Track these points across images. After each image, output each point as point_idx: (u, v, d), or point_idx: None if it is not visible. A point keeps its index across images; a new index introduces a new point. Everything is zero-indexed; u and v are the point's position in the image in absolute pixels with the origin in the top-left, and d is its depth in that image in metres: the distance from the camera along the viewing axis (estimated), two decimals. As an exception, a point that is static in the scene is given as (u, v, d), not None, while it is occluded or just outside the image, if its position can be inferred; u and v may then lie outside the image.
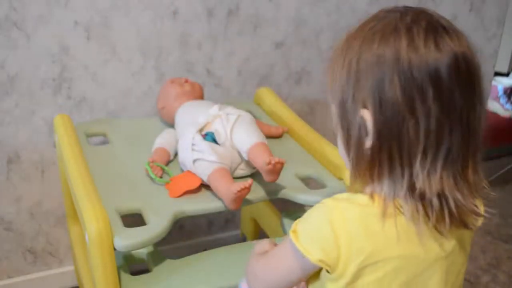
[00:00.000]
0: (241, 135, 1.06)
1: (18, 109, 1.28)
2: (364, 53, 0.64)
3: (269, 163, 0.96)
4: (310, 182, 1.12)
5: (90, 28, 1.28)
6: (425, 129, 0.61)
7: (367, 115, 0.63)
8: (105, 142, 1.27)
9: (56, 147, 1.21)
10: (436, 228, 0.65)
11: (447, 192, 0.63)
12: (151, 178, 1.06)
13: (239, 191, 0.94)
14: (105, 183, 1.04)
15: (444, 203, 0.63)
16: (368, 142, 0.64)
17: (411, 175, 0.63)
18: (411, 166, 0.63)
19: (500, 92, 2.52)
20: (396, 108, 0.61)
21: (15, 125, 1.30)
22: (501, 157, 2.26)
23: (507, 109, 2.52)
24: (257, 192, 1.03)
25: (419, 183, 0.63)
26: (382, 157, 0.64)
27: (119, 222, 0.93)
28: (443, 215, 0.64)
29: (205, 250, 1.10)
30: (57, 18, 1.24)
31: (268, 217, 1.39)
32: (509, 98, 2.52)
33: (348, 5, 1.50)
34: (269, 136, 1.17)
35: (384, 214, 0.64)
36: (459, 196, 0.64)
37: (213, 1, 1.37)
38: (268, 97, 1.36)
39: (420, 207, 0.63)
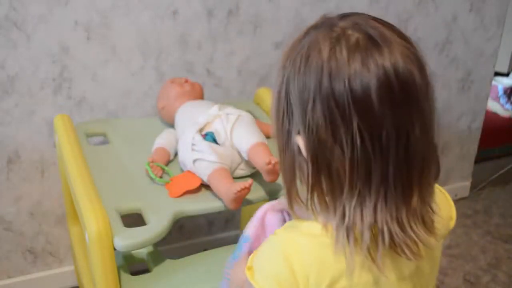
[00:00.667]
0: (241, 135, 1.06)
1: (18, 109, 1.29)
2: (291, 78, 0.60)
3: (269, 163, 0.96)
4: (310, 182, 1.12)
5: (90, 28, 1.28)
6: (350, 158, 0.57)
7: (300, 141, 0.60)
8: (105, 142, 1.27)
9: (56, 147, 1.21)
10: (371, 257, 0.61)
11: (380, 225, 0.59)
12: (151, 178, 1.06)
13: (239, 191, 0.94)
14: (105, 183, 1.04)
15: (378, 236, 0.59)
16: (307, 168, 0.61)
17: (342, 206, 0.59)
18: (341, 196, 0.59)
19: (500, 92, 2.53)
20: (320, 136, 0.58)
21: (15, 125, 1.30)
22: (501, 157, 2.26)
23: (507, 109, 2.52)
24: (257, 192, 1.03)
25: (349, 215, 0.59)
26: (317, 186, 0.61)
27: (119, 222, 0.93)
28: (376, 247, 0.60)
29: (205, 250, 1.10)
30: (57, 18, 1.24)
31: (268, 217, 1.39)
32: (509, 98, 2.52)
33: (348, 5, 1.50)
34: (269, 136, 1.17)
35: (336, 244, 0.60)
36: (396, 228, 0.59)
37: (213, 1, 1.37)
38: (268, 97, 1.36)
39: (352, 238, 0.59)
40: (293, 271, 0.61)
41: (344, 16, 0.62)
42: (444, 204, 0.71)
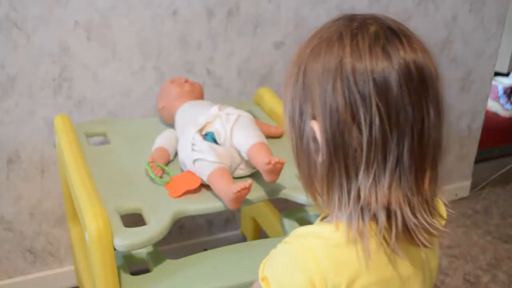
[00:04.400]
0: (241, 135, 1.06)
1: (18, 109, 1.29)
2: (310, 63, 0.62)
3: (269, 163, 0.96)
4: (310, 182, 1.11)
5: (90, 28, 1.28)
6: (368, 138, 0.58)
7: (315, 126, 0.61)
8: (105, 142, 1.27)
9: (56, 147, 1.21)
10: (387, 246, 0.62)
11: (394, 206, 0.60)
12: (151, 178, 1.06)
13: (239, 191, 0.94)
14: (105, 183, 1.04)
15: (392, 217, 0.61)
16: (320, 157, 0.62)
17: (357, 188, 0.60)
18: (357, 178, 0.60)
19: (500, 92, 2.53)
20: (339, 117, 0.59)
21: (15, 125, 1.30)
22: (501, 157, 2.26)
23: (507, 109, 2.52)
24: (257, 192, 1.03)
25: (364, 195, 0.60)
26: (333, 171, 0.61)
27: (119, 222, 0.93)
28: (390, 231, 0.61)
29: (205, 250, 1.10)
30: (57, 18, 1.24)
31: (268, 217, 1.39)
32: (509, 98, 2.52)
33: (348, 5, 1.50)
34: (269, 136, 1.17)
35: (348, 242, 0.61)
36: (408, 211, 0.60)
37: (213, 1, 1.37)
38: (268, 97, 1.37)
39: (367, 218, 0.61)
40: (311, 279, 0.61)
41: (359, 14, 0.65)
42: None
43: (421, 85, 0.59)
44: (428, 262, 0.69)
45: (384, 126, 0.58)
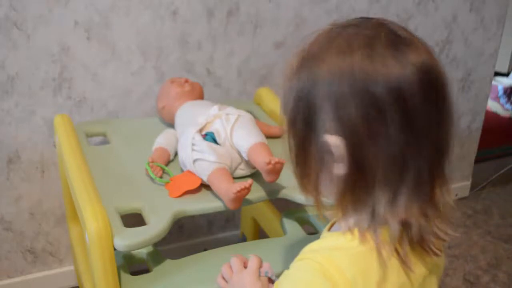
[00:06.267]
0: (241, 135, 1.06)
1: (18, 109, 1.29)
2: (318, 73, 0.59)
3: (269, 163, 0.96)
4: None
5: (90, 28, 1.28)
6: (385, 153, 0.57)
7: (331, 140, 0.59)
8: (105, 142, 1.27)
9: (56, 147, 1.21)
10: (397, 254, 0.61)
11: (410, 220, 0.59)
12: (151, 178, 1.06)
13: (239, 191, 0.94)
14: (105, 183, 1.04)
15: (407, 229, 0.60)
16: (338, 169, 0.60)
17: (373, 200, 0.59)
18: (374, 191, 0.59)
19: (500, 92, 2.53)
20: (358, 131, 0.57)
21: (15, 125, 1.30)
22: (501, 157, 2.26)
23: (507, 109, 2.52)
24: (257, 192, 1.03)
25: (380, 210, 0.58)
26: (351, 184, 0.60)
27: (119, 222, 0.93)
28: (402, 241, 0.60)
29: (205, 250, 1.10)
30: (57, 18, 1.24)
31: (268, 217, 1.39)
32: (509, 98, 2.52)
33: (348, 5, 1.50)
34: (269, 136, 1.17)
35: (369, 250, 0.60)
36: (423, 222, 0.60)
37: (213, 1, 1.37)
38: (268, 97, 1.37)
39: (380, 233, 0.59)
40: None
41: (366, 19, 0.62)
42: None
43: (436, 90, 0.58)
44: (438, 261, 0.69)
45: (403, 138, 0.57)
